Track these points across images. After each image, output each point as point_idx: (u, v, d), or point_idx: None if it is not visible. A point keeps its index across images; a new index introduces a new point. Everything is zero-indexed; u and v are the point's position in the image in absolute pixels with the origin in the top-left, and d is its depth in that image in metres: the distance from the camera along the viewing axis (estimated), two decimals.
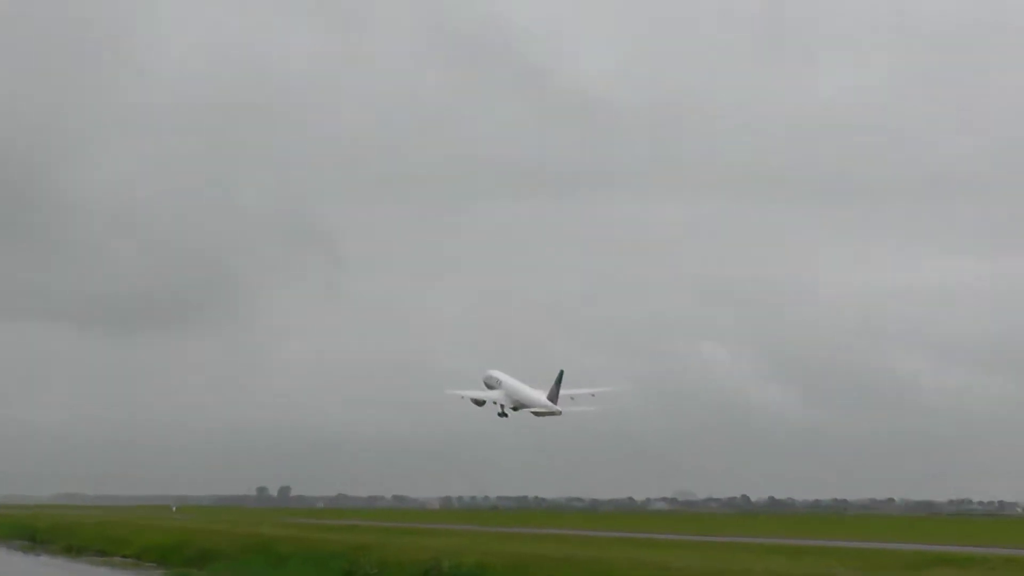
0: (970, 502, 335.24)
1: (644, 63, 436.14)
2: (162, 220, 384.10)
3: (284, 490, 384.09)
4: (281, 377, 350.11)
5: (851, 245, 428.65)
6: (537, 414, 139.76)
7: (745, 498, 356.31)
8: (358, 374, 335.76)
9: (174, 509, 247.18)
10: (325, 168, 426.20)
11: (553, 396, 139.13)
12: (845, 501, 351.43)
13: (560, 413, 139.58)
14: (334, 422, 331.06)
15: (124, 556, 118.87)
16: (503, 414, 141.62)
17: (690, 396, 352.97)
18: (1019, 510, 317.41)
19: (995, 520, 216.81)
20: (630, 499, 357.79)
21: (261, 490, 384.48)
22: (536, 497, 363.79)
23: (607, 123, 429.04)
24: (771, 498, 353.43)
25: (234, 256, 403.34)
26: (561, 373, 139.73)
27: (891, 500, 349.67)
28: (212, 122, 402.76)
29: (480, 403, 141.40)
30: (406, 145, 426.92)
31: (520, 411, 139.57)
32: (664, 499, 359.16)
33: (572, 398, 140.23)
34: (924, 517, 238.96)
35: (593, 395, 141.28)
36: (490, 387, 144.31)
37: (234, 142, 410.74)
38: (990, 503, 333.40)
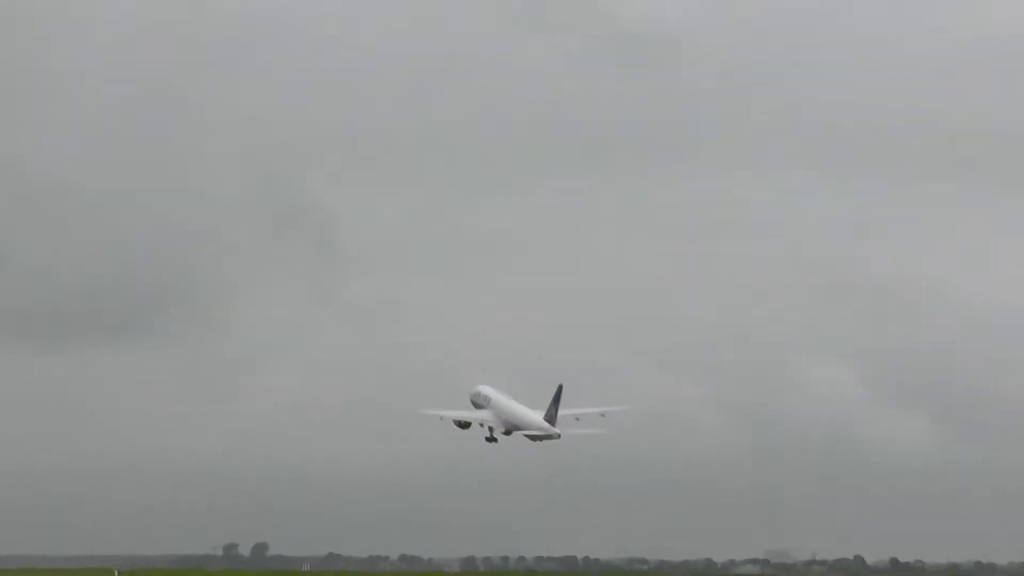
0: None
1: None
2: (98, 203, 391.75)
3: (259, 548, 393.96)
4: (257, 403, 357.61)
5: (1014, 231, 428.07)
6: (533, 438, 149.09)
7: (859, 560, 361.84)
8: (356, 399, 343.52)
9: (116, 574, 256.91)
10: (315, 133, 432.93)
11: (551, 416, 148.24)
12: (992, 566, 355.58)
13: (559, 436, 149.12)
14: (325, 460, 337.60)
15: None
16: (492, 439, 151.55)
17: (787, 426, 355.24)
18: None
19: None
20: (708, 561, 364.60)
21: (229, 548, 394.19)
22: (586, 558, 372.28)
23: (687, 72, 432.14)
24: (894, 560, 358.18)
25: (196, 248, 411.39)
26: (560, 389, 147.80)
27: None
28: (164, 73, 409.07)
29: (464, 425, 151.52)
30: (422, 101, 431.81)
31: (514, 435, 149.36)
32: (753, 561, 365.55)
33: (577, 419, 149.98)
34: None
35: (603, 415, 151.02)
36: (478, 406, 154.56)
37: (194, 99, 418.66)
38: None
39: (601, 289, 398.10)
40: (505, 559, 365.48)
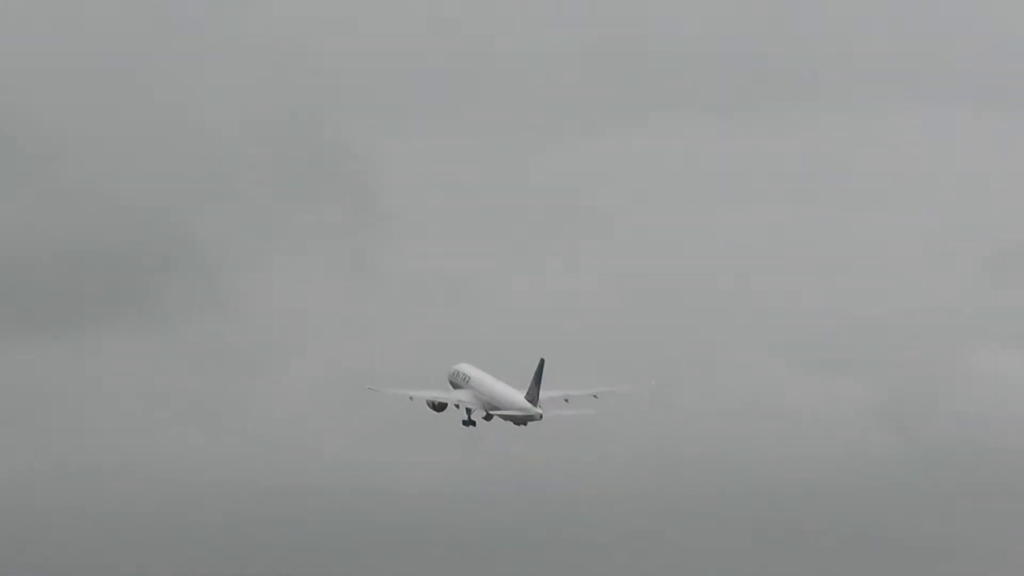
0: None
1: None
2: (66, 147, 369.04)
3: None
4: (279, 404, 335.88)
5: None
6: (516, 421, 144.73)
7: None
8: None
9: None
10: (347, 63, 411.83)
11: (533, 395, 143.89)
12: None
13: (541, 417, 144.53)
14: (365, 476, 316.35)
15: None
16: (469, 422, 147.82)
17: (956, 435, 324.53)
18: None
19: None
20: None
21: None
22: None
23: None
24: None
25: (201, 209, 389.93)
26: (541, 364, 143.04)
27: None
28: None
29: (439, 407, 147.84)
30: (484, 26, 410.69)
31: (494, 420, 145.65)
32: None
33: (566, 400, 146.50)
34: None
35: (596, 396, 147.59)
36: (456, 386, 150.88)
37: (194, 19, 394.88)
38: None
39: (705, 262, 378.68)
40: None
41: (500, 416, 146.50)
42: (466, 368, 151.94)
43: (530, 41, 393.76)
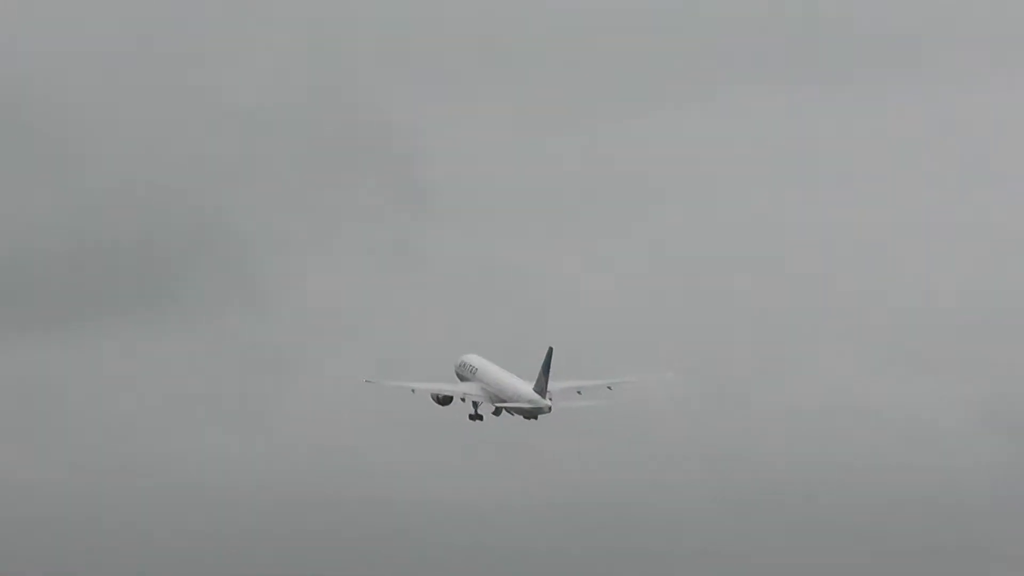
0: None
1: None
2: (90, 125, 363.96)
3: None
4: (319, 408, 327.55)
5: None
6: (526, 415, 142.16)
7: None
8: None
9: None
10: (392, 37, 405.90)
11: (541, 387, 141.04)
12: None
13: (550, 409, 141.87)
14: (416, 488, 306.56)
15: None
16: (476, 416, 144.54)
17: None
18: None
19: None
20: None
21: None
22: None
23: None
24: None
25: (230, 195, 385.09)
26: (550, 354, 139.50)
27: None
28: None
29: (445, 401, 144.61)
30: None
31: (503, 414, 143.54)
32: None
33: (579, 392, 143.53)
34: None
35: (610, 388, 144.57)
36: (463, 378, 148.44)
37: None
38: None
39: (787, 248, 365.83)
40: None
41: (507, 409, 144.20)
42: (474, 360, 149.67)
43: (577, 12, 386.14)
